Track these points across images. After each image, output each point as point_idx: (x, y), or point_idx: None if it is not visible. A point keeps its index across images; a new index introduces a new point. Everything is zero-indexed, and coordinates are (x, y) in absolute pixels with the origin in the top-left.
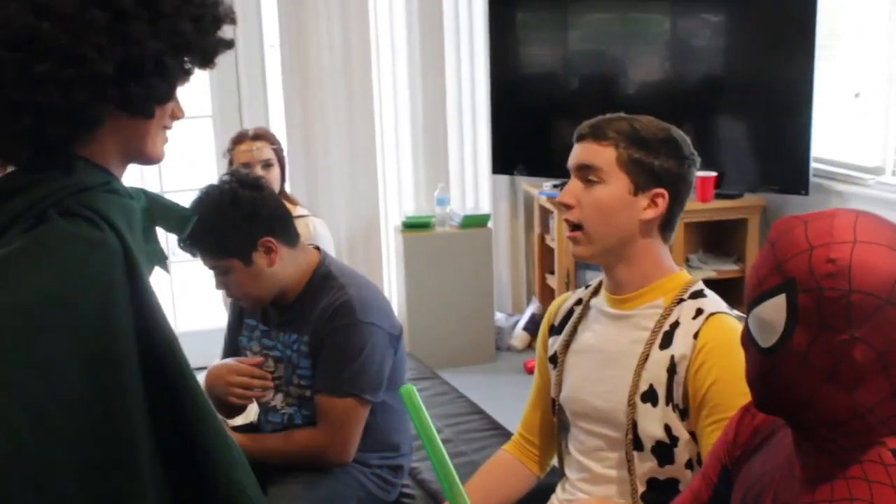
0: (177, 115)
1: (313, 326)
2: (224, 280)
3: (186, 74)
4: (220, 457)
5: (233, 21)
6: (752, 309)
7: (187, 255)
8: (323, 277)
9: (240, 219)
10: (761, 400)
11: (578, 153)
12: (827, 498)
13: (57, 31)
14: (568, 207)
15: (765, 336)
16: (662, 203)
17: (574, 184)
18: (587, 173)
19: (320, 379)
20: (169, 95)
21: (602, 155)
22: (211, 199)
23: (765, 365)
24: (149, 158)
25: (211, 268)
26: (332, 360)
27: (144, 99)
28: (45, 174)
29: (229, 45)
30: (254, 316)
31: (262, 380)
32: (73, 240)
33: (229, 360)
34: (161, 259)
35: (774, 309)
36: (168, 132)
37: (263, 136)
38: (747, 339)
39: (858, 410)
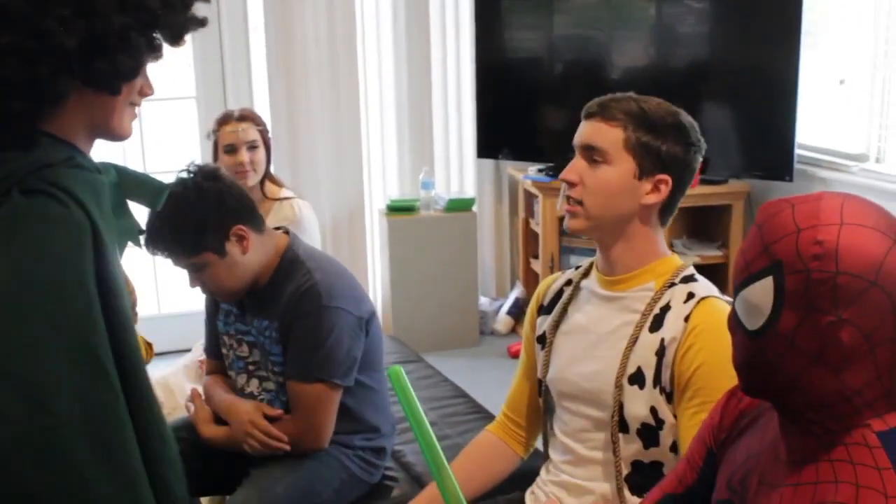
0: (145, 92)
1: (281, 313)
2: (199, 277)
3: (155, 51)
4: (155, 450)
5: None
6: (739, 292)
7: None
8: (291, 262)
9: (209, 211)
10: (748, 384)
11: (585, 131)
12: (812, 480)
13: (20, 2)
14: (571, 185)
15: (752, 319)
16: (665, 189)
17: (578, 161)
18: (593, 153)
19: (290, 365)
20: (135, 72)
21: (609, 135)
22: (176, 196)
23: (752, 348)
24: (116, 135)
25: (185, 266)
26: (301, 347)
27: (110, 74)
28: (8, 151)
29: (201, 23)
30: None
31: (279, 441)
32: (37, 218)
33: (251, 408)
34: (134, 234)
35: (762, 291)
36: (138, 108)
37: (249, 116)
38: (734, 323)
39: (845, 393)
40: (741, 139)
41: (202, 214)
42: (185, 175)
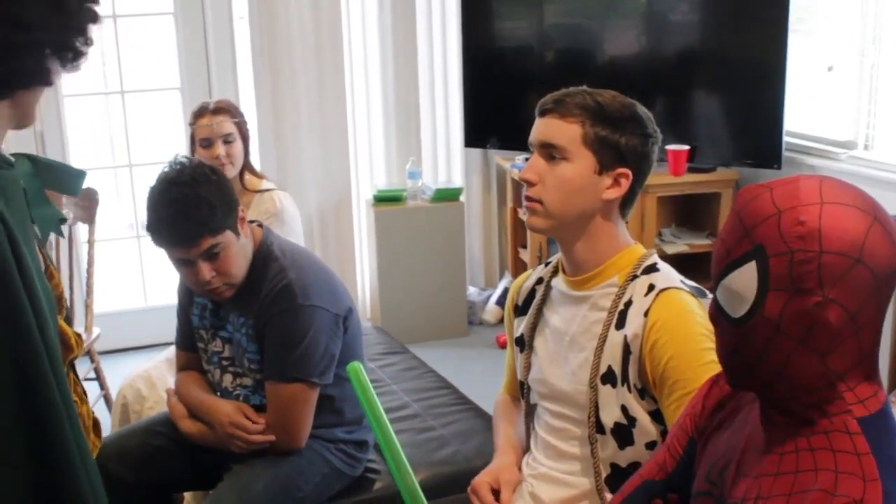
0: None
1: (256, 312)
2: (213, 264)
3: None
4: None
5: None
6: (720, 281)
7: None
8: (265, 258)
9: (228, 188)
10: (734, 374)
11: (542, 129)
12: (792, 469)
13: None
14: (531, 184)
15: (736, 306)
16: (625, 183)
17: (537, 160)
18: (551, 150)
19: (267, 365)
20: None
21: (567, 132)
22: (193, 174)
23: (737, 336)
24: (30, 123)
25: (200, 253)
26: (277, 346)
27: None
28: None
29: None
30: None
31: (262, 435)
32: None
33: (231, 409)
34: (55, 223)
35: (745, 277)
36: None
37: (224, 109)
38: (717, 314)
39: (829, 378)
40: (730, 127)
41: (225, 191)
42: (178, 162)
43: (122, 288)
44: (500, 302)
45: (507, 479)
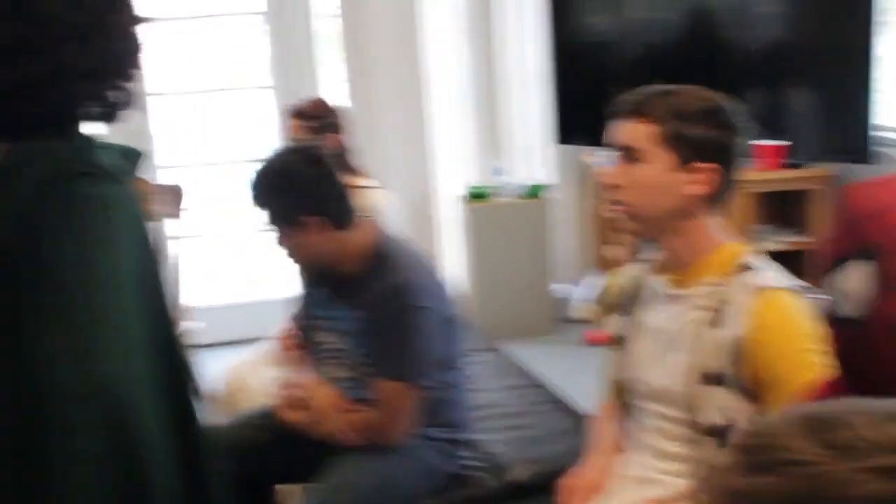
0: None
1: (369, 308)
2: (279, 238)
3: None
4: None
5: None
6: (833, 280)
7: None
8: (380, 257)
9: (285, 191)
10: (848, 375)
11: (617, 132)
12: None
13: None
14: (612, 188)
15: (848, 306)
16: (708, 177)
17: (617, 163)
18: (628, 152)
19: (375, 361)
20: None
21: (642, 133)
22: (291, 162)
23: (850, 336)
24: None
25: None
26: (386, 344)
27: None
28: (51, 138)
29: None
30: (323, 284)
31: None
32: (98, 202)
33: (328, 391)
34: None
35: (859, 276)
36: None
37: (301, 113)
38: (831, 315)
39: None
40: (821, 122)
41: (299, 197)
42: (292, 148)
43: (221, 282)
44: (588, 299)
45: (588, 483)
